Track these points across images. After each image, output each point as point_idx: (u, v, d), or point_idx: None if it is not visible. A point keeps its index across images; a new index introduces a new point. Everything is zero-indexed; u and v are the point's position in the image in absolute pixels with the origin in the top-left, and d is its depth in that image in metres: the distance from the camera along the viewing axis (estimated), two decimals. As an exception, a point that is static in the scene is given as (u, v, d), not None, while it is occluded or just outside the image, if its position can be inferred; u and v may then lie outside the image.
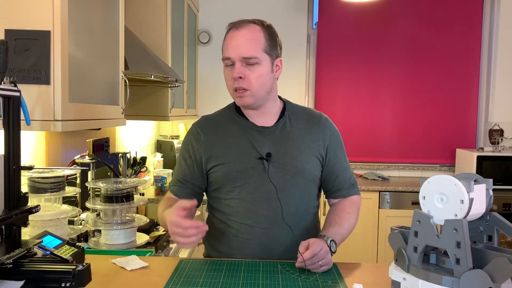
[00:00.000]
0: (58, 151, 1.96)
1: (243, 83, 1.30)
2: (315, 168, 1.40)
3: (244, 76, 1.30)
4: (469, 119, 3.90)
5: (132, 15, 2.62)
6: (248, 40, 1.30)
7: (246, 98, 1.33)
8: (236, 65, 1.30)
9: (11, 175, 0.99)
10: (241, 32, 1.30)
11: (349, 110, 3.93)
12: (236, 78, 1.30)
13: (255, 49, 1.30)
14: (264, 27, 1.34)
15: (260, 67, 1.31)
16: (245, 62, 1.29)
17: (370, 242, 3.39)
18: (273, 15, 3.67)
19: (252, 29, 1.31)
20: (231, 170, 1.35)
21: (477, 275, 0.76)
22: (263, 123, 1.39)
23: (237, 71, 1.29)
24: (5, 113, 0.97)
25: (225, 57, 1.32)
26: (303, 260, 1.17)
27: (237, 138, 1.38)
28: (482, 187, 0.85)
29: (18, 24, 1.20)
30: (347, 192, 1.46)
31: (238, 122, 1.41)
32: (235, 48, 1.30)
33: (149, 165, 3.09)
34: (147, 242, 1.67)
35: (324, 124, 1.44)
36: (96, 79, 1.54)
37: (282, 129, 1.39)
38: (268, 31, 1.33)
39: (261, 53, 1.30)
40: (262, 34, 1.32)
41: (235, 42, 1.30)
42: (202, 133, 1.41)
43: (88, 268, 0.92)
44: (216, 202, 1.42)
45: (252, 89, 1.31)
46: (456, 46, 3.84)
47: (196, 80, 3.82)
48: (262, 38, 1.31)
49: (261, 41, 1.31)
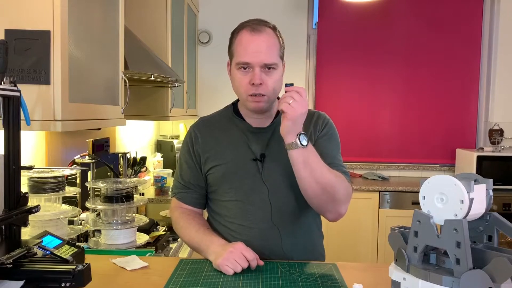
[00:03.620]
0: (58, 151, 1.96)
1: (262, 89, 1.29)
2: None
3: (263, 82, 1.29)
4: (469, 119, 3.90)
5: (132, 15, 2.62)
6: (268, 47, 1.28)
7: (263, 104, 1.32)
8: (255, 70, 1.27)
9: (11, 175, 0.99)
10: (261, 37, 1.28)
11: (349, 110, 3.93)
12: (257, 84, 1.28)
13: (275, 55, 1.29)
14: (275, 30, 1.34)
15: (276, 72, 1.31)
16: (265, 67, 1.28)
17: (370, 242, 3.39)
18: (273, 15, 3.66)
19: (270, 34, 1.30)
20: (227, 171, 1.36)
21: (477, 275, 0.76)
22: (258, 124, 1.39)
23: (258, 77, 1.27)
24: (5, 113, 0.97)
25: (242, 62, 1.28)
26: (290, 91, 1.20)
27: (233, 139, 1.38)
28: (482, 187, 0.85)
29: (18, 24, 1.20)
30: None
31: (235, 123, 1.41)
32: (256, 54, 1.27)
33: (149, 165, 3.09)
34: (147, 242, 1.67)
35: (317, 120, 1.41)
36: (96, 79, 1.54)
37: (276, 130, 1.37)
38: (279, 35, 1.34)
39: (278, 58, 1.31)
40: (277, 40, 1.32)
41: (256, 47, 1.27)
42: (200, 134, 1.41)
43: (88, 268, 0.92)
44: (214, 204, 1.42)
45: (269, 94, 1.31)
46: (456, 46, 3.84)
47: (196, 80, 3.82)
48: (277, 43, 1.32)
49: (278, 46, 1.31)
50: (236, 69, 1.31)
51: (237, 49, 1.30)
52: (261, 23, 1.31)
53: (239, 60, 1.29)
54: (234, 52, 1.32)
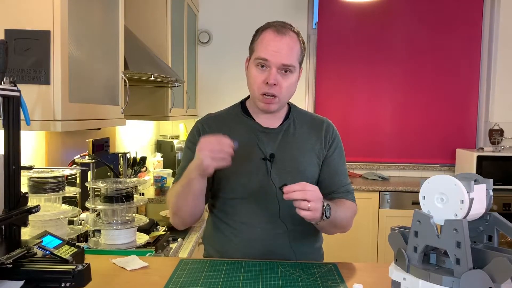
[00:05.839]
0: (58, 151, 1.96)
1: (275, 90, 1.30)
2: (316, 171, 1.41)
3: (278, 83, 1.30)
4: (469, 119, 3.90)
5: (132, 15, 2.62)
6: (289, 49, 1.30)
7: (273, 105, 1.33)
8: (272, 70, 1.29)
9: (11, 175, 0.99)
10: (284, 39, 1.30)
11: (349, 110, 3.93)
12: (271, 85, 1.29)
13: (294, 58, 1.32)
14: (299, 36, 1.35)
15: (292, 76, 1.33)
16: (282, 69, 1.30)
17: (370, 242, 3.39)
18: (273, 15, 3.66)
19: (293, 37, 1.32)
20: (235, 169, 1.35)
21: (477, 275, 0.76)
22: (268, 124, 1.40)
23: (273, 77, 1.29)
24: (5, 113, 0.97)
25: (261, 58, 1.30)
26: (291, 191, 1.15)
27: (242, 138, 1.38)
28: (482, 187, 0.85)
29: (18, 24, 1.20)
30: (342, 196, 1.43)
31: (245, 122, 1.41)
32: (277, 53, 1.29)
33: (149, 165, 3.09)
34: (147, 242, 1.67)
35: (326, 129, 1.45)
36: (96, 79, 1.54)
37: (286, 132, 1.40)
38: (302, 40, 1.36)
39: (296, 62, 1.33)
40: (299, 45, 1.34)
41: (278, 47, 1.29)
42: (208, 129, 1.41)
43: (88, 268, 0.92)
44: (219, 201, 1.42)
45: (281, 96, 1.32)
46: (456, 46, 3.84)
47: (196, 80, 3.82)
48: (299, 48, 1.34)
49: (298, 51, 1.34)
50: (254, 65, 1.33)
51: (259, 46, 1.32)
52: (286, 25, 1.34)
53: (258, 55, 1.31)
54: (255, 48, 1.34)
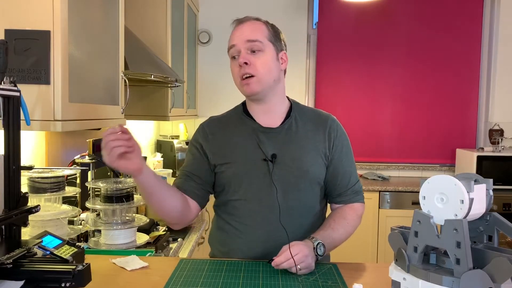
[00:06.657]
0: (58, 151, 1.96)
1: (249, 69, 1.32)
2: (320, 171, 1.39)
3: (250, 62, 1.32)
4: (469, 119, 3.90)
5: (132, 15, 2.62)
6: (251, 29, 1.35)
7: (253, 85, 1.33)
8: (242, 53, 1.32)
9: (11, 175, 0.99)
10: (245, 24, 1.36)
11: (349, 110, 3.93)
12: (242, 64, 1.31)
13: (260, 35, 1.34)
14: (267, 23, 1.39)
15: (264, 54, 1.33)
16: (250, 49, 1.32)
17: (370, 242, 3.39)
18: (273, 15, 3.64)
19: (254, 22, 1.37)
20: (237, 170, 1.35)
21: (477, 275, 0.76)
22: (269, 124, 1.39)
23: (242, 57, 1.32)
24: (5, 113, 0.97)
25: (230, 46, 1.35)
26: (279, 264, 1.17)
27: (243, 139, 1.38)
28: (482, 187, 0.85)
29: (18, 24, 1.20)
30: (349, 199, 1.43)
31: (245, 123, 1.41)
32: (240, 35, 1.34)
33: (149, 165, 3.07)
34: (147, 242, 1.67)
35: (331, 125, 1.43)
36: (96, 79, 1.54)
37: (287, 130, 1.39)
38: (271, 25, 1.39)
39: (264, 39, 1.34)
40: (265, 26, 1.37)
41: (240, 31, 1.35)
42: (210, 132, 1.42)
43: (88, 268, 0.92)
44: (223, 202, 1.42)
45: (258, 74, 1.32)
46: (456, 46, 3.84)
47: (196, 80, 3.82)
48: (265, 28, 1.37)
49: (265, 30, 1.36)
50: (231, 60, 1.37)
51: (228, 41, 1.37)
52: (248, 16, 1.39)
53: (228, 47, 1.36)
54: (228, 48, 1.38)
